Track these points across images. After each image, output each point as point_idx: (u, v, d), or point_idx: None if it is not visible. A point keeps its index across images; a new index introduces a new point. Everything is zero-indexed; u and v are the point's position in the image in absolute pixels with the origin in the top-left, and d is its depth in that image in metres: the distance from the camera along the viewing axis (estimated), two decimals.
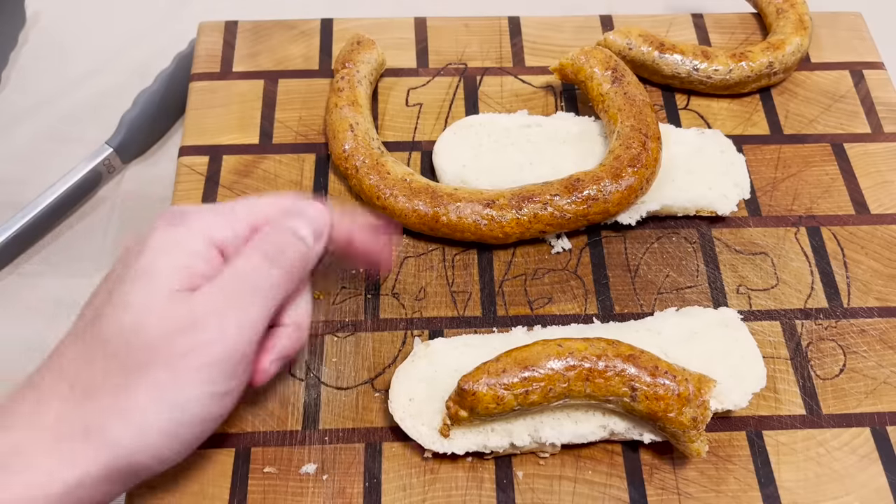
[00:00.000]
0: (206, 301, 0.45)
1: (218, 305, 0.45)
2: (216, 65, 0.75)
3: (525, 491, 0.54)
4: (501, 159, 0.67)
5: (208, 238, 0.48)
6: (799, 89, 0.75)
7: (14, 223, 0.69)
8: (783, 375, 0.59)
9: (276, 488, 0.54)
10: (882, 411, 0.58)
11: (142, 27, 0.89)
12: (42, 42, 0.87)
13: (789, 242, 0.66)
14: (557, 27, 0.79)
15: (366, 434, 0.56)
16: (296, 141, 0.71)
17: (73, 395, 0.43)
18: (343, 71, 0.69)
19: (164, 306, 0.44)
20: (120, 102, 0.77)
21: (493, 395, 0.51)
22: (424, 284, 0.63)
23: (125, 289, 0.45)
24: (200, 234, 0.47)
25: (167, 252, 0.46)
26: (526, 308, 0.62)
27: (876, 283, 0.64)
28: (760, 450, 0.56)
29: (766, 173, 0.70)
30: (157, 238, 0.47)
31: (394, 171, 0.64)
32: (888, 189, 0.69)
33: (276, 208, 0.51)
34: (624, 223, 0.64)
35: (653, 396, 0.51)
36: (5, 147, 0.78)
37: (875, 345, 0.61)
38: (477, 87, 0.75)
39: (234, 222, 0.49)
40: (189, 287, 0.46)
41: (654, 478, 0.55)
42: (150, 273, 0.45)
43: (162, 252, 0.46)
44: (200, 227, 0.48)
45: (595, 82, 0.67)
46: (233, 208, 0.50)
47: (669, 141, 0.67)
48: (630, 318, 0.61)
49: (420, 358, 0.57)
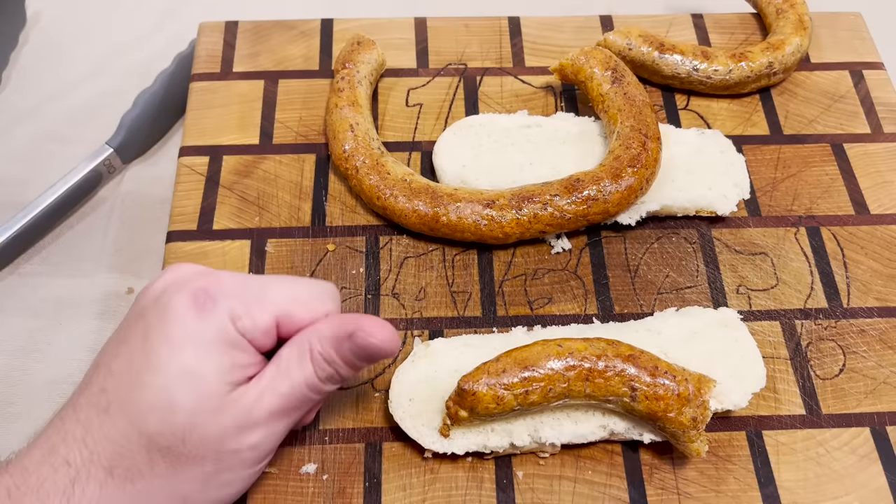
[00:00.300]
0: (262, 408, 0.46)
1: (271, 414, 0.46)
2: (216, 65, 0.75)
3: (525, 491, 0.54)
4: (501, 159, 0.67)
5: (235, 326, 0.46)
6: (799, 89, 0.75)
7: (14, 223, 0.69)
8: (783, 375, 0.59)
9: (276, 488, 0.54)
10: (882, 411, 0.58)
11: (142, 27, 0.89)
12: (42, 42, 0.87)
13: (789, 242, 0.66)
14: (557, 27, 0.79)
15: (366, 434, 0.56)
16: (296, 141, 0.71)
17: (111, 481, 0.44)
18: (343, 71, 0.70)
19: (216, 409, 0.44)
20: (120, 103, 0.77)
21: (493, 395, 0.51)
22: (424, 284, 0.63)
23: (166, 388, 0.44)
24: (230, 323, 0.45)
25: (205, 350, 0.45)
26: (526, 308, 0.62)
27: (876, 283, 0.64)
28: (760, 450, 0.56)
29: (766, 173, 0.70)
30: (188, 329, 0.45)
31: (394, 171, 0.64)
32: (888, 189, 0.69)
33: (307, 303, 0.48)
34: (624, 223, 0.64)
35: (653, 396, 0.51)
36: (5, 147, 0.78)
37: (875, 345, 0.61)
38: (477, 87, 0.75)
39: (260, 313, 0.46)
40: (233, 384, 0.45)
41: (654, 478, 0.55)
42: (195, 376, 0.44)
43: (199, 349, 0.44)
44: (230, 314, 0.46)
45: (595, 82, 0.67)
46: (261, 296, 0.47)
47: (669, 141, 0.67)
48: (630, 319, 0.61)
49: (420, 358, 0.57)
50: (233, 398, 0.45)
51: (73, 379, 0.63)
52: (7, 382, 0.64)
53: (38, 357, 0.66)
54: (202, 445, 0.44)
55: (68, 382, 0.64)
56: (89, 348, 0.65)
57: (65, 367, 0.64)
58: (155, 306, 0.46)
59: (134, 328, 0.46)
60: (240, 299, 0.46)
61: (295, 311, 0.47)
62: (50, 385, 0.64)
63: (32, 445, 0.45)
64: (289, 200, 0.67)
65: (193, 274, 0.48)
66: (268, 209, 0.66)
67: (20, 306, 0.68)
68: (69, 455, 0.43)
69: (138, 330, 0.46)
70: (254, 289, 0.47)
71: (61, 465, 0.43)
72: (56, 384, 0.64)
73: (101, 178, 0.74)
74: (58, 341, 0.66)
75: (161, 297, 0.46)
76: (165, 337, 0.44)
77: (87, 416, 0.44)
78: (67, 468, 0.43)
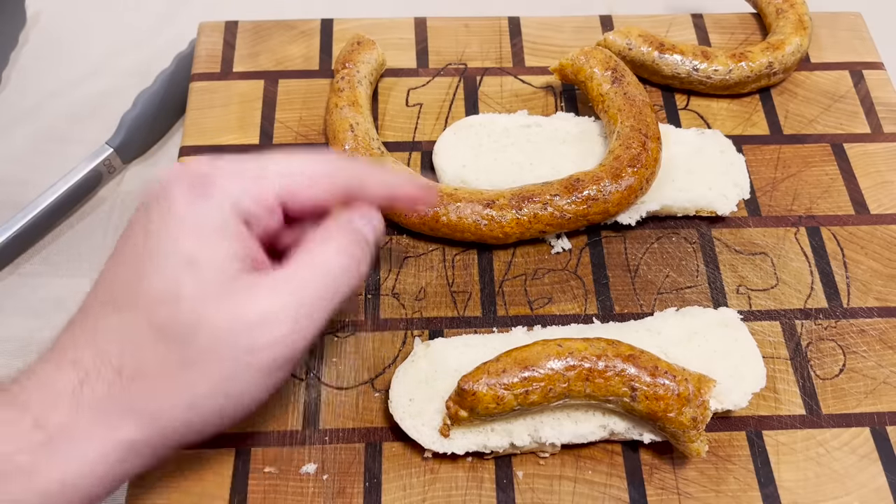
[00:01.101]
0: (278, 296, 0.43)
1: (291, 303, 0.43)
2: (216, 65, 0.75)
3: (525, 491, 0.54)
4: (501, 159, 0.67)
5: (237, 212, 0.44)
6: (799, 89, 0.75)
7: (14, 223, 0.69)
8: (783, 375, 0.59)
9: (277, 488, 0.54)
10: (882, 411, 0.58)
11: (142, 27, 0.89)
12: (42, 42, 0.87)
13: (789, 242, 0.66)
14: (557, 27, 0.79)
15: (366, 434, 0.56)
16: (296, 141, 0.71)
17: (120, 380, 0.42)
18: (343, 71, 0.70)
19: (223, 299, 0.42)
20: (120, 102, 0.77)
21: (493, 395, 0.51)
22: (424, 284, 0.63)
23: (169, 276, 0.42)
24: (230, 209, 0.44)
25: (205, 236, 0.43)
26: (526, 308, 0.62)
27: (875, 283, 0.64)
28: (760, 450, 0.56)
29: (766, 173, 0.70)
30: (185, 213, 0.43)
31: (394, 171, 0.64)
32: (888, 189, 0.69)
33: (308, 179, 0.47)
34: (624, 223, 0.64)
35: (653, 396, 0.51)
36: (5, 147, 0.78)
37: (875, 345, 0.61)
38: (477, 87, 0.75)
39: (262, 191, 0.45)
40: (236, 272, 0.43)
41: (654, 478, 0.55)
42: (195, 263, 0.42)
43: (199, 236, 0.43)
44: (229, 198, 0.44)
45: (595, 82, 0.67)
46: (263, 173, 0.46)
47: (669, 141, 0.67)
48: (630, 318, 0.61)
49: (420, 358, 0.57)
50: (242, 287, 0.43)
51: None
52: None
53: None
54: (212, 339, 0.42)
55: None
56: None
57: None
58: (155, 198, 0.45)
59: (136, 222, 0.45)
60: (238, 179, 0.45)
61: (298, 188, 0.46)
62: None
63: (43, 353, 0.44)
64: None
65: (193, 163, 0.46)
66: None
67: (20, 306, 0.68)
68: (77, 355, 0.43)
69: (140, 223, 0.45)
70: (253, 168, 0.46)
71: (69, 365, 0.42)
72: None
73: (101, 178, 0.74)
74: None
75: (160, 188, 0.45)
76: (166, 226, 0.43)
77: (95, 314, 0.44)
78: (76, 369, 0.42)
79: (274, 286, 0.44)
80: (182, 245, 0.43)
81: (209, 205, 0.44)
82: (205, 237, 0.43)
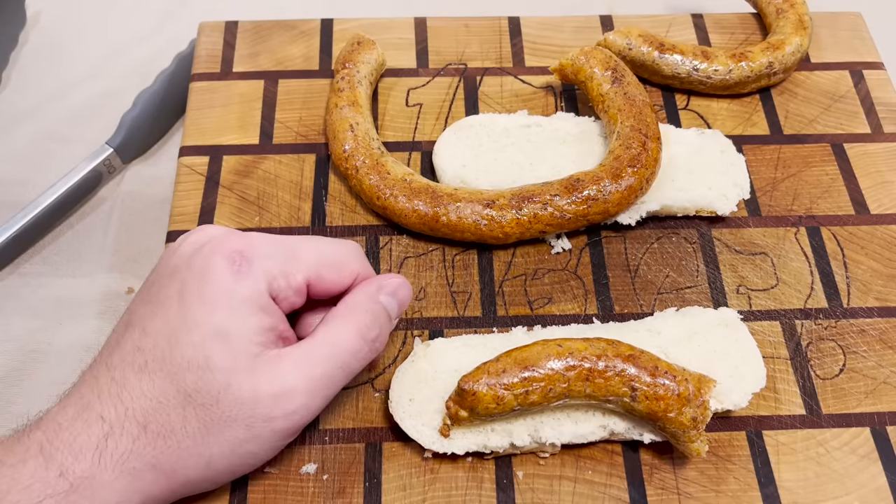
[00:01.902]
0: (297, 371, 0.46)
1: (307, 379, 0.47)
2: (216, 65, 0.75)
3: (525, 491, 0.54)
4: (501, 159, 0.67)
5: (269, 287, 0.48)
6: (799, 89, 0.75)
7: (14, 223, 0.69)
8: (783, 375, 0.59)
9: (277, 488, 0.54)
10: (882, 411, 0.58)
11: (142, 27, 0.89)
12: (42, 42, 0.87)
13: (789, 242, 0.66)
14: (557, 27, 0.79)
15: (366, 434, 0.56)
16: (296, 141, 0.71)
17: (145, 436, 0.45)
18: (343, 71, 0.70)
19: (249, 371, 0.45)
20: (120, 102, 0.77)
21: (493, 395, 0.51)
22: (424, 284, 0.63)
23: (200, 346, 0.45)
24: (265, 285, 0.47)
25: (238, 310, 0.46)
26: (526, 308, 0.62)
27: (876, 283, 0.64)
28: (760, 450, 0.56)
29: (766, 173, 0.70)
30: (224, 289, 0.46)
31: (394, 171, 0.64)
32: (888, 189, 0.69)
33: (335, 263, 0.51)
34: (624, 223, 0.64)
35: (653, 396, 0.51)
36: (5, 147, 0.78)
37: (875, 345, 0.61)
38: (477, 87, 0.75)
39: (293, 273, 0.49)
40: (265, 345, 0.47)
41: (654, 478, 0.55)
42: (226, 335, 0.45)
43: (233, 309, 0.46)
44: (264, 276, 0.47)
45: (595, 82, 0.67)
46: (296, 255, 0.49)
47: (669, 141, 0.67)
48: (630, 319, 0.61)
49: (420, 358, 0.57)
50: (267, 360, 0.46)
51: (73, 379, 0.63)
52: (7, 382, 0.64)
53: (38, 357, 0.66)
54: (236, 407, 0.45)
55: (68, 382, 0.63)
56: (89, 348, 0.65)
57: (65, 367, 0.64)
58: (189, 267, 0.47)
59: (167, 289, 0.47)
60: (274, 260, 0.48)
61: (325, 272, 0.50)
62: (50, 385, 0.64)
63: (65, 402, 0.46)
64: (289, 200, 0.67)
65: (226, 235, 0.49)
66: (268, 209, 0.66)
67: (20, 306, 0.68)
68: (104, 411, 0.45)
69: (173, 290, 0.47)
70: (286, 250, 0.49)
71: (95, 420, 0.45)
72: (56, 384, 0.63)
73: (101, 178, 0.74)
74: (58, 341, 0.66)
75: (195, 258, 0.48)
76: (201, 297, 0.46)
77: (122, 373, 0.46)
78: (102, 423, 0.45)
79: (293, 362, 0.47)
80: (216, 317, 0.46)
81: (247, 281, 0.47)
82: (237, 311, 0.46)
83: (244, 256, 0.47)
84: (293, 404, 0.46)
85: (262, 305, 0.47)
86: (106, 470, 0.44)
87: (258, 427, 0.46)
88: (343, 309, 0.50)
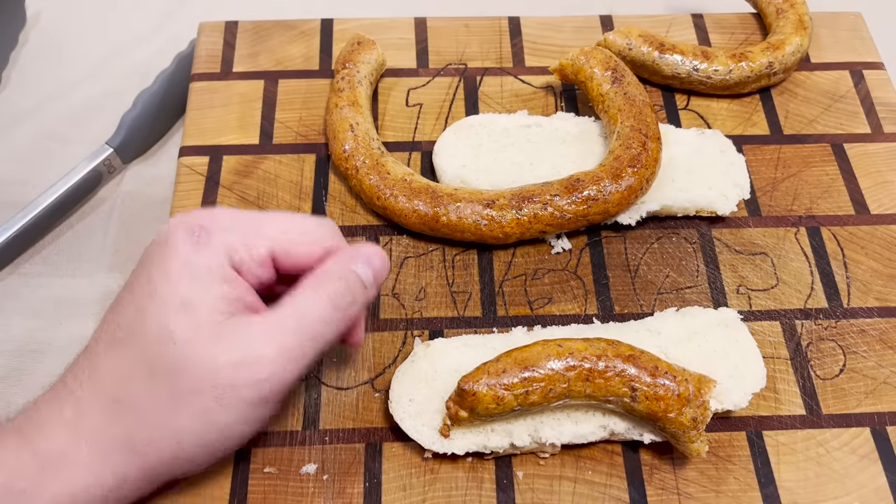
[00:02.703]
0: (264, 339, 0.46)
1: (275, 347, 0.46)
2: (216, 65, 0.75)
3: (525, 491, 0.54)
4: (501, 159, 0.67)
5: (230, 259, 0.48)
6: (799, 89, 0.75)
7: (14, 223, 0.69)
8: (783, 375, 0.59)
9: (277, 488, 0.54)
10: (882, 411, 0.58)
11: (142, 27, 0.89)
12: (42, 42, 0.87)
13: (789, 242, 0.66)
14: (557, 27, 0.79)
15: (366, 434, 0.56)
16: (296, 141, 0.71)
17: (115, 409, 0.45)
18: (343, 71, 0.70)
19: (212, 338, 0.45)
20: (120, 102, 0.77)
21: (493, 396, 0.51)
22: (424, 284, 0.63)
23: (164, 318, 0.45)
24: (225, 256, 0.47)
25: (200, 280, 0.46)
26: (526, 308, 0.62)
27: (876, 283, 0.64)
28: (760, 450, 0.56)
29: (766, 173, 0.70)
30: (184, 260, 0.46)
31: (394, 171, 0.64)
32: (888, 189, 0.69)
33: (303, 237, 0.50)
34: (624, 223, 0.64)
35: (653, 397, 0.51)
36: (5, 147, 0.78)
37: (875, 345, 0.61)
38: (477, 87, 0.75)
39: (255, 246, 0.49)
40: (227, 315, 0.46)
41: (654, 478, 0.55)
42: (189, 305, 0.45)
43: (195, 280, 0.46)
44: (224, 248, 0.48)
45: (595, 82, 0.67)
46: (258, 228, 0.49)
47: (669, 141, 0.67)
48: (630, 319, 0.61)
49: (420, 358, 0.57)
50: (229, 329, 0.45)
51: None
52: (7, 382, 0.64)
53: (38, 357, 0.66)
54: (199, 376, 0.44)
55: None
56: None
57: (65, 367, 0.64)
58: (155, 241, 0.48)
59: (139, 266, 0.48)
60: (235, 233, 0.48)
61: (292, 246, 0.49)
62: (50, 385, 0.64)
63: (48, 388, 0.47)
64: (289, 200, 0.67)
65: (192, 213, 0.50)
66: (268, 209, 0.66)
67: (20, 306, 0.68)
68: (76, 389, 0.45)
69: (143, 268, 0.48)
70: (249, 223, 0.49)
71: (67, 397, 0.45)
72: None
73: (101, 178, 0.74)
74: (58, 341, 0.66)
75: (160, 232, 0.49)
76: (164, 269, 0.46)
77: (96, 351, 0.47)
78: (74, 401, 0.45)
79: (260, 330, 0.46)
80: (178, 288, 0.46)
81: (205, 252, 0.47)
82: (198, 281, 0.46)
83: (204, 228, 0.48)
84: (262, 372, 0.45)
85: (224, 276, 0.47)
86: (78, 447, 0.44)
87: (227, 397, 0.45)
88: (314, 278, 0.49)
